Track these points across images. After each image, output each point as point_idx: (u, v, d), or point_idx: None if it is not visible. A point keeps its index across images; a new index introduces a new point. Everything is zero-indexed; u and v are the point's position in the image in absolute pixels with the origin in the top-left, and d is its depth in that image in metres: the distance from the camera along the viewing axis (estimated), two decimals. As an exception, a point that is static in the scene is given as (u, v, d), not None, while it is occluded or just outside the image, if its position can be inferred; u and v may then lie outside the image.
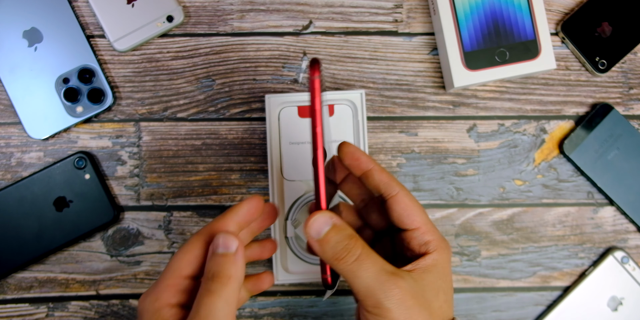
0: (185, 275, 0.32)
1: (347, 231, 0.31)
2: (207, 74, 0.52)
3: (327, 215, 0.31)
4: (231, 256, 0.31)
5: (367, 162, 0.35)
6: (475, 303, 0.52)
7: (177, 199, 0.52)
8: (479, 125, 0.53)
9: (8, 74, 0.51)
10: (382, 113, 0.53)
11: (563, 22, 0.53)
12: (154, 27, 0.51)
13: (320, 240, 0.31)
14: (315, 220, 0.31)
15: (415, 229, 0.34)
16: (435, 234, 0.34)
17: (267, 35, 0.53)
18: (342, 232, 0.31)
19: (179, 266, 0.32)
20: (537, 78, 0.53)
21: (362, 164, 0.35)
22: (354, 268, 0.30)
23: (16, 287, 0.51)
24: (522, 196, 0.53)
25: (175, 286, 0.31)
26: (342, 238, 0.31)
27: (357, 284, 0.30)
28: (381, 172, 0.35)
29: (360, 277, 0.30)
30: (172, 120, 0.52)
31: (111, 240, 0.51)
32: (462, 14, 0.50)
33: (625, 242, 0.53)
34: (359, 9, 0.53)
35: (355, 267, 0.30)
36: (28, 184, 0.50)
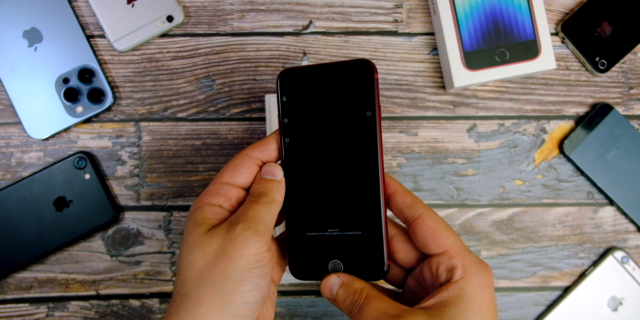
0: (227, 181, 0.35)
1: (354, 286, 0.33)
2: (207, 74, 0.52)
3: (335, 277, 0.34)
4: (277, 182, 0.34)
5: (391, 184, 0.34)
6: (475, 303, 0.52)
7: (177, 199, 0.52)
8: (479, 125, 0.53)
9: (8, 74, 0.51)
10: (382, 113, 0.53)
11: (563, 22, 0.53)
12: (154, 27, 0.51)
13: (333, 299, 0.33)
14: (326, 283, 0.34)
15: (442, 253, 0.32)
16: (465, 258, 0.31)
17: (267, 35, 0.53)
18: (349, 288, 0.33)
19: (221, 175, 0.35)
20: (537, 78, 0.53)
21: (387, 185, 0.34)
22: (359, 317, 0.31)
23: (16, 287, 0.51)
24: (522, 196, 0.53)
25: (216, 190, 0.34)
26: (349, 293, 0.32)
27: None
28: (405, 194, 0.34)
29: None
30: (172, 120, 0.52)
31: (111, 240, 0.51)
32: (462, 14, 0.50)
33: (625, 242, 0.53)
34: (359, 9, 0.53)
35: (359, 316, 0.31)
36: (28, 184, 0.50)
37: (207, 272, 0.31)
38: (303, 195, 0.35)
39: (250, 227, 0.32)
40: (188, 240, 0.32)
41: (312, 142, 0.35)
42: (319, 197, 0.35)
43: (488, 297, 0.30)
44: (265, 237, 0.32)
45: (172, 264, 0.51)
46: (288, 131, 0.35)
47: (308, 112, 0.35)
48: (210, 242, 0.31)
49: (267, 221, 0.33)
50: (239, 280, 0.30)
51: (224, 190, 0.34)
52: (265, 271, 0.31)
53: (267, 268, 0.32)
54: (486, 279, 0.31)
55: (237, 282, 0.30)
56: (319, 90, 0.35)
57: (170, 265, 0.51)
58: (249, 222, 0.32)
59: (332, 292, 0.33)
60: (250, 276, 0.31)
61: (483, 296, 0.30)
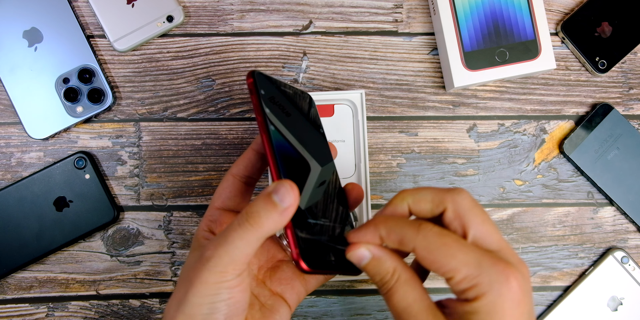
0: (218, 206, 0.35)
1: (385, 265, 0.31)
2: (207, 74, 0.52)
3: (364, 248, 0.31)
4: (278, 208, 0.29)
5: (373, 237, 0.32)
6: (475, 303, 0.52)
7: (177, 199, 0.52)
8: (479, 125, 0.53)
9: (8, 74, 0.51)
10: (382, 113, 0.53)
11: (563, 22, 0.53)
12: (154, 27, 0.51)
13: (363, 268, 0.32)
14: (354, 252, 0.31)
15: (450, 278, 0.29)
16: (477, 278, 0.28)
17: (267, 35, 0.53)
18: (380, 266, 0.31)
19: (213, 199, 0.35)
20: (537, 78, 0.53)
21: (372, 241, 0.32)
22: (386, 298, 0.31)
23: (16, 287, 0.51)
24: (522, 196, 0.53)
25: (210, 217, 0.34)
26: (379, 270, 0.31)
27: (390, 311, 0.31)
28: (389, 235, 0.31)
29: (390, 308, 0.31)
30: (172, 120, 0.52)
31: (111, 240, 0.51)
32: (462, 14, 0.50)
33: (625, 242, 0.53)
34: (359, 9, 0.53)
35: (386, 298, 0.31)
36: (28, 184, 0.50)
37: (176, 293, 0.31)
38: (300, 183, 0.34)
39: (212, 256, 0.30)
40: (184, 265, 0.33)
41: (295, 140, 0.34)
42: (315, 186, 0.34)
43: (506, 311, 0.28)
44: (230, 266, 0.30)
45: (172, 264, 0.52)
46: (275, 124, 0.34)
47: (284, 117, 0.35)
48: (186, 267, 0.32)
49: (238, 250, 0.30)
50: (198, 305, 0.30)
51: (216, 216, 0.34)
52: (228, 296, 0.30)
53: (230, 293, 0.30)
54: (505, 293, 0.28)
55: (196, 307, 0.30)
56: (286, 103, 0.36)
57: (170, 265, 0.51)
58: (218, 249, 0.30)
59: (361, 264, 0.32)
60: (209, 301, 0.30)
61: (502, 312, 0.28)
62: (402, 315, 0.30)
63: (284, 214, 0.29)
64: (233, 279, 0.30)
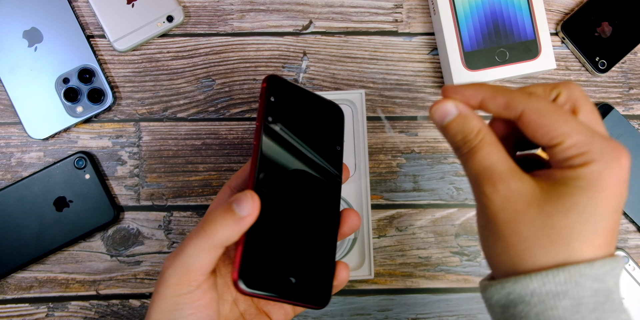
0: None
1: (472, 124, 0.28)
2: (207, 74, 0.52)
3: (452, 103, 0.29)
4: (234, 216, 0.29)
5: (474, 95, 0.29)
6: (475, 303, 0.52)
7: (177, 199, 0.52)
8: (479, 125, 0.53)
9: (8, 74, 0.51)
10: (384, 113, 0.53)
11: (563, 22, 0.53)
12: (154, 27, 0.51)
13: (444, 127, 0.29)
14: (439, 107, 0.29)
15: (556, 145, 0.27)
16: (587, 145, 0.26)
17: (267, 35, 0.53)
18: (465, 123, 0.29)
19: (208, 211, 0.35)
20: (537, 78, 0.53)
21: (470, 99, 0.29)
22: (465, 158, 0.28)
23: (16, 287, 0.51)
24: (522, 196, 0.53)
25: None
26: (463, 128, 0.29)
27: (466, 172, 0.29)
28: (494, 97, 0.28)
29: (468, 169, 0.28)
30: (172, 120, 0.52)
31: (111, 240, 0.51)
32: (462, 14, 0.50)
33: (625, 242, 0.53)
34: (359, 9, 0.53)
35: (466, 157, 0.28)
36: (28, 184, 0.50)
37: (147, 314, 0.31)
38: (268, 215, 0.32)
39: (169, 266, 0.30)
40: None
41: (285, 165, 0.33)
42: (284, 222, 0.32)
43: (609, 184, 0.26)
44: (186, 277, 0.29)
45: (172, 264, 0.52)
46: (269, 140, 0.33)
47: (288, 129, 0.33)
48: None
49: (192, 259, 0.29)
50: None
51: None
52: (189, 312, 0.29)
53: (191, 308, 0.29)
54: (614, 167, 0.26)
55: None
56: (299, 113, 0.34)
57: (170, 265, 0.51)
58: (173, 259, 0.30)
59: (444, 120, 0.29)
60: (170, 317, 0.29)
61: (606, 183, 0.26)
62: (484, 173, 0.27)
63: (240, 223, 0.29)
64: (191, 292, 0.29)
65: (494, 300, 0.27)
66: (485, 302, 0.28)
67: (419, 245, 0.52)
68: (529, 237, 0.26)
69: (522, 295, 0.26)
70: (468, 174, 0.29)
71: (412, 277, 0.52)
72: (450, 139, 0.29)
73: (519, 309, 0.26)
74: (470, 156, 0.28)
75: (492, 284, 0.27)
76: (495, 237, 0.27)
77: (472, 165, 0.28)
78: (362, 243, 0.50)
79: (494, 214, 0.27)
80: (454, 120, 0.29)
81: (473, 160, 0.28)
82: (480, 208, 0.28)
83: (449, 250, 0.52)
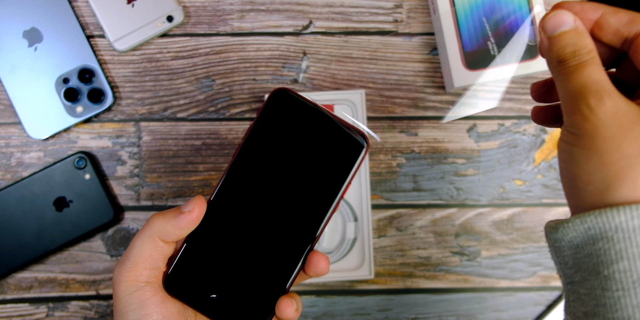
0: None
1: (586, 40, 0.27)
2: (207, 74, 0.52)
3: (571, 15, 0.28)
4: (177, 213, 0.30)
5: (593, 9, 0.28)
6: (475, 303, 0.52)
7: (177, 199, 0.52)
8: (479, 125, 0.53)
9: (8, 74, 0.51)
10: (382, 113, 0.53)
11: (563, 22, 0.53)
12: (154, 27, 0.51)
13: (553, 37, 0.28)
14: (557, 15, 0.28)
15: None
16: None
17: (267, 35, 0.53)
18: (579, 38, 0.27)
19: None
20: (537, 78, 0.53)
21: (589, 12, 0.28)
22: (570, 71, 0.27)
23: (16, 287, 0.51)
24: (522, 196, 0.53)
25: None
26: (576, 42, 0.27)
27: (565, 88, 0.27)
28: (616, 11, 0.27)
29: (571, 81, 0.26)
30: (172, 120, 0.52)
31: (111, 240, 0.51)
32: (462, 14, 0.50)
33: None
34: (359, 9, 0.53)
35: (572, 70, 0.27)
36: (28, 184, 0.50)
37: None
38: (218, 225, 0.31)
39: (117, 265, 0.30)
40: None
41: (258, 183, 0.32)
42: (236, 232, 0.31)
43: None
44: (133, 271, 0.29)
45: (172, 264, 0.52)
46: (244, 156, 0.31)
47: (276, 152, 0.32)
48: None
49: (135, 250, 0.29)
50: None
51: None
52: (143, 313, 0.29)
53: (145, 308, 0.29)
54: None
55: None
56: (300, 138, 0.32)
57: (170, 265, 0.51)
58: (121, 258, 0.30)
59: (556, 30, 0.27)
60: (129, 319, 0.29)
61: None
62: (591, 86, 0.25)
63: (180, 218, 0.29)
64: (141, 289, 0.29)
65: (566, 240, 0.25)
66: (552, 246, 0.27)
67: (419, 245, 0.52)
68: (631, 155, 0.24)
69: (605, 230, 0.24)
70: (567, 87, 0.26)
71: (412, 277, 0.52)
72: (556, 50, 0.27)
73: (597, 247, 0.24)
74: (577, 69, 0.26)
75: (569, 220, 0.25)
76: (591, 153, 0.25)
77: (578, 78, 0.26)
78: (362, 243, 0.50)
79: (595, 128, 0.25)
80: (568, 31, 0.27)
81: (580, 72, 0.26)
82: (575, 123, 0.26)
83: (449, 250, 0.52)
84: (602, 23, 0.28)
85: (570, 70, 0.27)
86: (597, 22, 0.28)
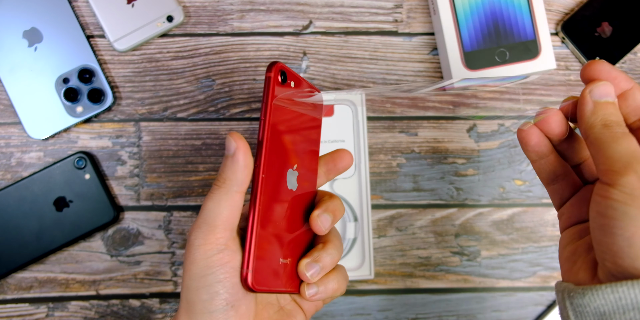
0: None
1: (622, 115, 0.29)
2: (207, 74, 0.52)
3: (615, 91, 0.29)
4: (229, 158, 0.30)
5: (626, 80, 0.29)
6: (475, 303, 0.52)
7: (177, 199, 0.52)
8: (479, 125, 0.53)
9: (8, 74, 0.51)
10: (382, 113, 0.53)
11: (563, 22, 0.53)
12: (154, 27, 0.51)
13: (600, 102, 0.29)
14: (605, 85, 0.29)
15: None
16: None
17: (267, 35, 0.53)
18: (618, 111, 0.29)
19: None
20: (537, 78, 0.53)
21: (621, 82, 0.29)
22: (619, 136, 0.27)
23: (16, 287, 0.51)
24: (522, 196, 0.53)
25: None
26: (617, 113, 0.28)
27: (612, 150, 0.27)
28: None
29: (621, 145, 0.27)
30: (172, 120, 0.52)
31: (111, 240, 0.51)
32: (462, 14, 0.50)
33: None
34: (359, 9, 0.53)
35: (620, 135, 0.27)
36: (28, 184, 0.50)
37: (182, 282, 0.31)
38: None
39: (193, 229, 0.30)
40: None
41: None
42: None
43: None
44: (212, 234, 0.29)
45: (172, 264, 0.52)
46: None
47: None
48: None
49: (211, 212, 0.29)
50: (195, 289, 0.29)
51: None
52: (223, 276, 0.29)
53: (224, 272, 0.29)
54: None
55: (194, 291, 0.29)
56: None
57: (170, 265, 0.51)
58: (196, 221, 0.30)
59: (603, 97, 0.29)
60: (205, 284, 0.29)
61: None
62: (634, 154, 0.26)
63: (234, 159, 0.30)
64: (221, 252, 0.29)
65: (592, 306, 0.25)
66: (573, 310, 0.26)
67: (419, 245, 0.52)
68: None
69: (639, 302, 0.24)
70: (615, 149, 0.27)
71: (412, 277, 0.52)
72: (603, 115, 0.28)
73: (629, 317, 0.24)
74: (624, 135, 0.27)
75: (598, 288, 0.25)
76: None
77: (628, 143, 0.27)
78: (362, 243, 0.50)
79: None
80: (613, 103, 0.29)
81: (629, 139, 0.27)
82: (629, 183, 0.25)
83: (449, 250, 0.52)
84: (628, 96, 0.29)
85: (618, 135, 0.27)
86: (624, 94, 0.29)
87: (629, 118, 0.30)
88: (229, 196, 0.30)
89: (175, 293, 0.51)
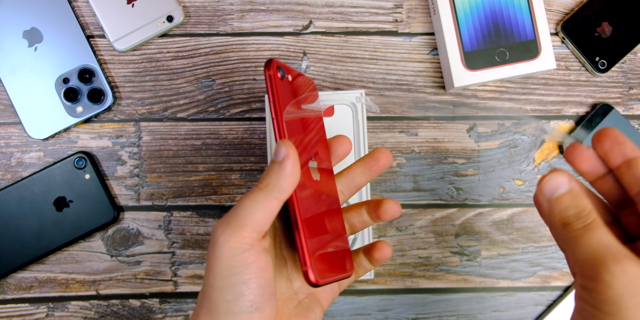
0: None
1: (584, 201, 0.28)
2: (207, 74, 0.52)
3: (566, 178, 0.28)
4: (277, 164, 0.29)
5: (633, 149, 0.28)
6: (475, 303, 0.52)
7: (177, 199, 0.52)
8: (479, 125, 0.53)
9: (8, 74, 0.51)
10: (382, 113, 0.53)
11: (563, 22, 0.53)
12: (154, 27, 0.51)
13: (552, 200, 0.28)
14: (552, 179, 0.28)
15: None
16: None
17: (267, 35, 0.53)
18: (577, 200, 0.28)
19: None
20: (537, 78, 0.53)
21: (627, 149, 0.28)
22: (578, 234, 0.27)
23: (16, 287, 0.51)
24: (522, 196, 0.53)
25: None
26: (576, 204, 0.28)
27: (576, 252, 0.27)
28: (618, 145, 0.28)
29: (582, 245, 0.26)
30: (172, 120, 0.52)
31: (111, 240, 0.51)
32: (462, 14, 0.50)
33: (625, 242, 0.53)
34: (359, 9, 0.53)
35: (580, 233, 0.27)
36: (28, 184, 0.50)
37: (205, 279, 0.30)
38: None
39: (220, 224, 0.29)
40: None
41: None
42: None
43: None
44: (238, 232, 0.28)
45: (172, 264, 0.52)
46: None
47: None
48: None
49: (247, 212, 0.29)
50: (219, 288, 0.28)
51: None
52: (248, 277, 0.28)
53: (249, 273, 0.28)
54: None
55: (217, 291, 0.28)
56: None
57: (170, 265, 0.51)
58: (226, 217, 0.29)
59: (554, 193, 0.28)
60: (229, 284, 0.28)
61: None
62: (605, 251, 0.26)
63: (282, 166, 0.29)
64: (246, 251, 0.28)
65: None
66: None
67: (419, 245, 0.52)
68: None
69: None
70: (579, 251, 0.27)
71: (412, 277, 0.52)
72: (558, 213, 0.28)
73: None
74: (585, 232, 0.27)
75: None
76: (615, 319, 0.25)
77: (589, 242, 0.26)
78: (362, 243, 0.50)
79: (618, 296, 0.25)
80: (565, 194, 0.28)
81: (590, 236, 0.26)
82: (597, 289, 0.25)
83: (449, 250, 0.52)
84: (633, 164, 0.28)
85: (577, 233, 0.27)
86: (628, 162, 0.28)
87: (631, 188, 0.29)
88: (267, 200, 0.29)
89: (175, 293, 0.51)
